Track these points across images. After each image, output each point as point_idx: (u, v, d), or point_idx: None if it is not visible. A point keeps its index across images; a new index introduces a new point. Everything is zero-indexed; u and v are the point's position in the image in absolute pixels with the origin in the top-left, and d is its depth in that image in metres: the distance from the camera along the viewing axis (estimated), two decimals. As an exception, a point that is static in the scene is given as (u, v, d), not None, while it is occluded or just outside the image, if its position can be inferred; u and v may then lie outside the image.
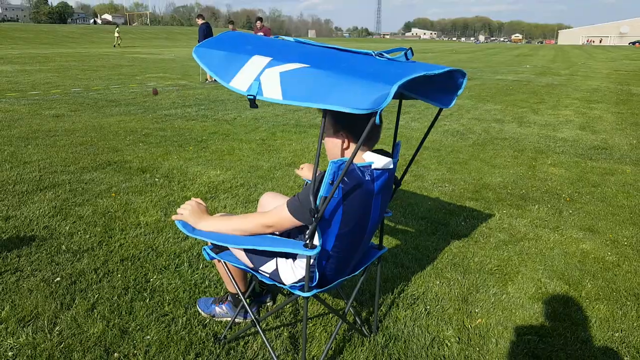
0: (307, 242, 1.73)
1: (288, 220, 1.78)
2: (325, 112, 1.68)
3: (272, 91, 1.67)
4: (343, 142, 1.78)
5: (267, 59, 1.72)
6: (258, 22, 14.28)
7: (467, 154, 5.96)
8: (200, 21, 13.83)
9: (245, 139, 6.44)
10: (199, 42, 15.16)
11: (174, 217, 2.02)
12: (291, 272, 1.93)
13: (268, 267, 1.98)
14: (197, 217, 1.99)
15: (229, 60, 1.80)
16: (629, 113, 9.49)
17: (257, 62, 1.75)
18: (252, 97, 1.67)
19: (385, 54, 1.75)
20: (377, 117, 1.46)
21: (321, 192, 1.64)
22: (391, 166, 1.84)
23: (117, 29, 41.00)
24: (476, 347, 2.27)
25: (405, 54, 1.75)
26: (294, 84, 1.64)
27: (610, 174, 5.22)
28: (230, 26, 14.97)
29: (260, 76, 1.71)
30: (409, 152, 5.91)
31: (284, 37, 1.96)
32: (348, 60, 1.70)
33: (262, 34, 14.09)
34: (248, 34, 1.97)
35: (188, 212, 2.00)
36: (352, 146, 1.78)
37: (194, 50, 1.87)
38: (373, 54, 1.75)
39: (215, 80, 14.82)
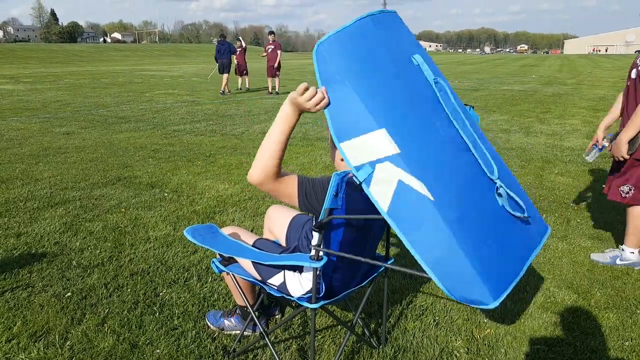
0: (313, 254, 1.75)
1: (292, 192, 1.74)
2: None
3: (380, 194, 1.38)
4: None
5: (394, 148, 1.36)
6: (270, 35, 14.52)
7: (474, 164, 5.96)
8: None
9: (253, 153, 6.50)
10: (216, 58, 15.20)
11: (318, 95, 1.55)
12: (298, 284, 1.95)
13: (276, 279, 2.00)
14: (299, 103, 1.59)
15: (354, 105, 1.43)
16: (636, 121, 9.44)
17: (382, 141, 1.38)
18: (357, 181, 1.44)
19: None
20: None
21: (325, 204, 1.66)
22: None
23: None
24: (485, 358, 2.26)
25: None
26: (405, 211, 1.35)
27: (619, 182, 5.20)
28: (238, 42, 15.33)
29: (376, 165, 1.39)
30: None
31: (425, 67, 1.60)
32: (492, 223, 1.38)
33: (272, 47, 14.28)
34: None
35: (309, 96, 1.55)
36: None
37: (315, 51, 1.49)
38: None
39: (227, 92, 15.49)
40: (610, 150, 3.15)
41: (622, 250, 3.23)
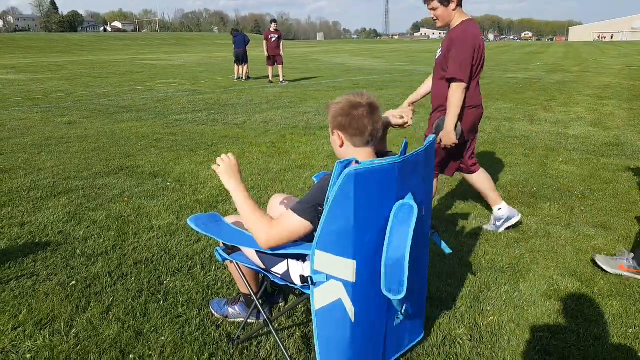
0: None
1: (297, 224, 1.80)
2: None
3: (319, 296, 1.78)
4: (339, 139, 1.86)
5: (352, 278, 1.73)
6: (273, 23, 14.44)
7: (478, 152, 5.94)
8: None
9: (255, 142, 6.49)
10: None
11: (213, 166, 1.99)
12: (302, 272, 1.95)
13: (279, 268, 2.00)
14: (230, 175, 1.95)
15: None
16: (641, 109, 9.38)
17: (347, 268, 1.72)
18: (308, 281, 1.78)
19: None
20: None
21: (328, 192, 1.66)
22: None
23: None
24: (488, 345, 2.27)
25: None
26: (329, 318, 1.81)
27: (623, 170, 5.17)
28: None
29: (332, 279, 1.75)
30: (418, 152, 5.91)
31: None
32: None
33: (276, 36, 14.17)
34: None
35: (223, 168, 1.96)
36: (347, 143, 1.85)
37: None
38: None
39: (247, 77, 15.44)
40: (440, 143, 3.25)
41: (498, 209, 3.54)
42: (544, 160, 5.57)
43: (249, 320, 2.42)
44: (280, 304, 2.64)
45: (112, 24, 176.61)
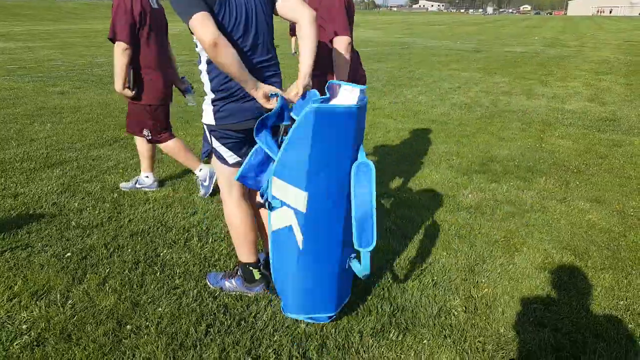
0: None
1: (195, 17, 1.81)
2: None
3: (275, 220, 2.02)
4: None
5: (304, 208, 1.90)
6: None
7: (474, 126, 5.91)
8: None
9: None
10: None
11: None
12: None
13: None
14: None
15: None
16: (638, 84, 9.34)
17: (300, 198, 1.88)
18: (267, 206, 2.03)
19: None
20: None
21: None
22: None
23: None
24: (483, 316, 2.29)
25: None
26: (281, 241, 2.05)
27: (618, 145, 5.18)
28: None
29: (285, 206, 1.94)
30: (416, 126, 5.87)
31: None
32: None
33: None
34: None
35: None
36: None
37: None
38: None
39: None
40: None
41: (140, 176, 3.74)
42: (540, 135, 5.55)
43: (246, 292, 2.43)
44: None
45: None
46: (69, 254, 2.78)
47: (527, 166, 4.46)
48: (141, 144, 3.68)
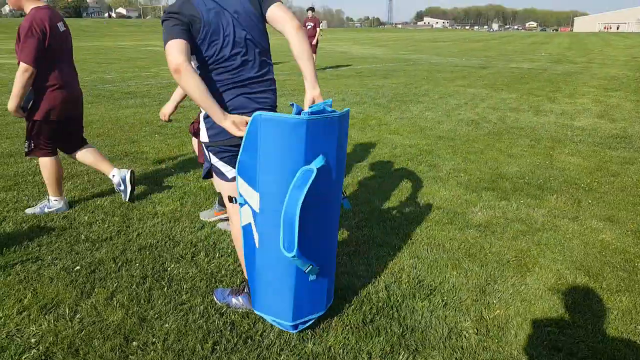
0: None
1: (170, 44, 1.95)
2: None
3: (243, 215, 2.16)
4: None
5: (257, 207, 2.05)
6: (309, 12, 13.89)
7: (482, 143, 5.89)
8: None
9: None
10: None
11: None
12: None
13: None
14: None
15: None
16: (648, 101, 9.29)
17: (254, 198, 2.03)
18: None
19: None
20: None
21: None
22: None
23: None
24: (495, 339, 2.25)
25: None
26: (244, 236, 2.18)
27: (630, 163, 5.13)
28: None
29: (246, 204, 2.10)
30: (423, 142, 5.86)
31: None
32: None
33: (312, 24, 13.65)
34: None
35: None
36: None
37: None
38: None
39: None
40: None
41: (49, 200, 3.58)
42: (549, 152, 5.52)
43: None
44: None
45: (116, 10, 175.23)
46: (78, 267, 2.78)
47: (537, 184, 4.42)
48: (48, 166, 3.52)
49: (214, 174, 2.32)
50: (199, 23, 2.00)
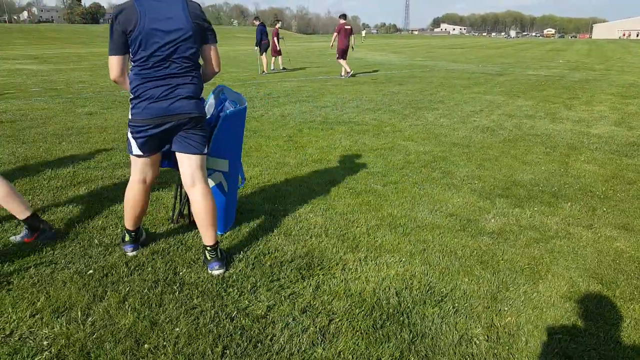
0: None
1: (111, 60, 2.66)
2: None
3: (212, 181, 3.24)
4: None
5: (225, 168, 3.24)
6: (341, 18, 14.61)
7: (497, 150, 5.85)
8: (257, 23, 15.89)
9: (272, 135, 6.48)
10: (256, 41, 16.30)
11: None
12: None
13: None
14: None
15: None
16: (668, 108, 9.13)
17: (224, 163, 3.25)
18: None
19: None
20: None
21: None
22: None
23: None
24: (506, 346, 2.23)
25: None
26: (214, 191, 3.24)
27: (648, 171, 5.04)
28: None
29: (216, 171, 3.23)
30: (437, 149, 5.84)
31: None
32: None
33: (349, 27, 14.45)
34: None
35: None
36: None
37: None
38: None
39: (270, 71, 15.77)
40: None
41: None
42: (565, 159, 5.46)
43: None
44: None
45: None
46: (90, 271, 2.82)
47: (551, 191, 4.37)
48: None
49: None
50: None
